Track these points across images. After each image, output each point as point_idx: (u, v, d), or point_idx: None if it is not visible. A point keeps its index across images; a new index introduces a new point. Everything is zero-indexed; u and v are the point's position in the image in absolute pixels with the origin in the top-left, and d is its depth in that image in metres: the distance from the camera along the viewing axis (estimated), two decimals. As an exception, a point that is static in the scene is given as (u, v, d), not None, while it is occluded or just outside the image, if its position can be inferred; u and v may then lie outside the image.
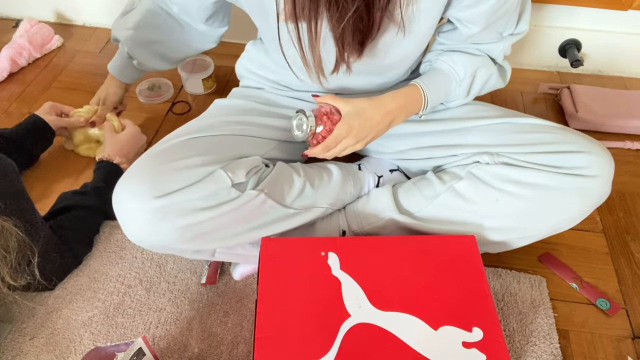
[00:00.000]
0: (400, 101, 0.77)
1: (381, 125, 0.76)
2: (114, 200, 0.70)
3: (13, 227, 0.69)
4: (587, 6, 1.19)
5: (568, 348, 0.83)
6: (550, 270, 0.93)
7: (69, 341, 0.82)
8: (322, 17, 0.63)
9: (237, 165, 0.73)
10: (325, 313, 0.68)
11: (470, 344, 0.66)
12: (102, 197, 0.94)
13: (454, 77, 0.80)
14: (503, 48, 0.80)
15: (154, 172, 0.69)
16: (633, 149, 1.15)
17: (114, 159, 0.99)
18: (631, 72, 1.34)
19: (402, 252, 0.74)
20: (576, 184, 0.73)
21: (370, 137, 0.77)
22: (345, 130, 0.74)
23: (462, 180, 0.79)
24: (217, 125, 0.81)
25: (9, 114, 1.22)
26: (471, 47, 0.81)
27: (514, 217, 0.77)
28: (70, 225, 0.89)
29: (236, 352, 0.81)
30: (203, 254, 0.77)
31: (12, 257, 0.68)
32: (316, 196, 0.81)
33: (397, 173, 0.94)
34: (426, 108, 0.80)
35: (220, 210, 0.70)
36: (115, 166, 0.99)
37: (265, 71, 0.92)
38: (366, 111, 0.75)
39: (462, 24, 0.75)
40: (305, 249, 0.75)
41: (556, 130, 0.79)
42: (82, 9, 1.47)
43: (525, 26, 0.79)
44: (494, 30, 0.77)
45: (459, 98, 0.83)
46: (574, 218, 0.78)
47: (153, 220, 0.67)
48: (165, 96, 1.26)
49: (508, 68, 0.86)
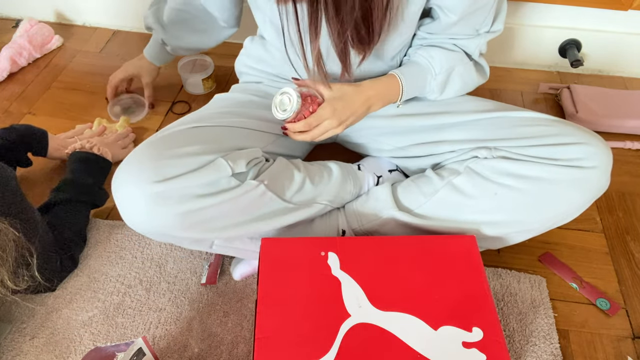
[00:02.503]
0: (379, 89, 0.81)
1: (360, 110, 0.80)
2: (113, 185, 0.71)
3: (9, 228, 0.69)
4: (587, 6, 1.19)
5: (568, 348, 0.83)
6: (550, 270, 0.93)
7: (69, 341, 0.82)
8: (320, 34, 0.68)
9: (237, 155, 0.74)
10: (325, 313, 0.68)
11: (470, 344, 0.66)
12: (75, 188, 0.92)
13: (430, 70, 0.83)
14: (478, 44, 0.84)
15: (155, 158, 0.69)
16: (633, 149, 1.15)
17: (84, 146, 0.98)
18: (631, 72, 1.34)
19: (402, 252, 0.75)
20: (575, 175, 0.74)
21: (350, 121, 0.80)
22: (329, 111, 0.77)
23: (461, 175, 0.79)
24: (217, 117, 0.82)
25: (9, 114, 1.22)
26: (448, 42, 0.83)
27: (513, 211, 0.77)
28: (55, 223, 0.87)
29: (236, 352, 0.81)
30: (201, 244, 0.78)
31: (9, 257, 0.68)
32: (316, 192, 0.82)
33: (396, 173, 0.95)
34: (402, 98, 0.83)
35: (220, 199, 0.71)
36: (82, 153, 0.97)
37: (263, 65, 0.93)
38: (349, 95, 0.79)
39: (442, 12, 0.78)
40: (305, 249, 0.75)
41: (553, 123, 0.79)
42: (82, 9, 1.47)
43: (500, 26, 0.83)
44: (471, 25, 0.80)
45: (433, 92, 0.86)
46: (573, 211, 0.78)
47: (152, 205, 0.67)
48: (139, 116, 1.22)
49: (485, 64, 0.89)
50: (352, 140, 0.98)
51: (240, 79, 1.01)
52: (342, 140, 1.01)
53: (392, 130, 0.90)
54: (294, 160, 0.84)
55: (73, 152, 0.98)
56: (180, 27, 1.04)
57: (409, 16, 0.76)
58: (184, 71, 1.25)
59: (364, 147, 0.97)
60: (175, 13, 1.02)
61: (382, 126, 0.91)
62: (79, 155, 0.97)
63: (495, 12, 0.80)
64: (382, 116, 0.90)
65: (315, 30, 0.68)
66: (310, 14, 0.67)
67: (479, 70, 0.88)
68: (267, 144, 0.85)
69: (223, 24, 1.00)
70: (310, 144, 1.01)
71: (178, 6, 1.01)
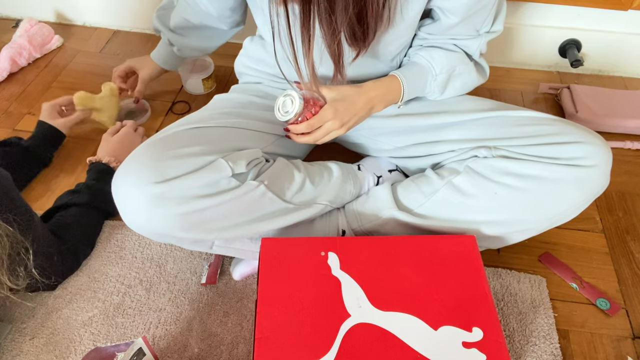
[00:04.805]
0: (381, 90, 0.81)
1: (363, 111, 0.80)
2: (113, 185, 0.71)
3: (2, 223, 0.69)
4: (587, 6, 1.19)
5: (568, 348, 0.83)
6: (550, 270, 0.93)
7: (69, 341, 0.82)
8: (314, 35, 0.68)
9: (238, 156, 0.74)
10: (325, 313, 0.68)
11: (470, 344, 0.66)
12: (94, 194, 0.94)
13: (430, 71, 0.83)
14: (479, 45, 0.84)
15: (155, 159, 0.69)
16: (633, 149, 1.15)
17: (103, 159, 1.00)
18: (631, 72, 1.34)
19: (402, 252, 0.75)
20: (574, 174, 0.73)
21: (353, 122, 0.80)
22: (331, 112, 0.77)
23: (460, 175, 0.79)
24: (217, 118, 0.82)
25: (9, 114, 1.22)
26: (449, 42, 0.83)
27: (513, 210, 0.77)
28: (65, 223, 0.89)
29: (236, 352, 0.81)
30: (202, 244, 0.78)
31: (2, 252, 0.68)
32: (316, 193, 0.82)
33: (396, 173, 0.95)
34: (403, 98, 0.83)
35: (220, 199, 0.71)
36: (104, 165, 1.00)
37: (263, 65, 0.93)
38: (350, 96, 0.78)
39: (443, 13, 0.78)
40: (305, 249, 0.75)
41: (553, 122, 0.79)
42: (82, 9, 1.47)
43: (500, 26, 0.83)
44: (471, 25, 0.80)
45: (434, 92, 0.86)
46: (573, 210, 0.78)
47: (152, 206, 0.67)
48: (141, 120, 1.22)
49: (485, 65, 0.89)
50: (351, 140, 0.98)
51: (240, 79, 1.01)
52: (341, 140, 1.01)
53: (392, 130, 0.90)
54: (294, 161, 0.84)
55: (97, 162, 1.01)
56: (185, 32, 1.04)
57: (409, 17, 0.76)
58: (184, 71, 1.25)
59: (364, 147, 0.97)
60: (180, 20, 1.01)
61: (381, 126, 0.91)
62: (102, 166, 0.99)
63: (495, 13, 0.80)
64: (382, 116, 0.90)
65: (307, 32, 0.67)
66: (303, 15, 0.66)
67: (479, 70, 0.88)
68: (267, 145, 0.85)
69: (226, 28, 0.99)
70: (310, 145, 1.01)
71: (182, 14, 1.00)
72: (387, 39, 0.78)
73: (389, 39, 0.78)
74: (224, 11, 0.93)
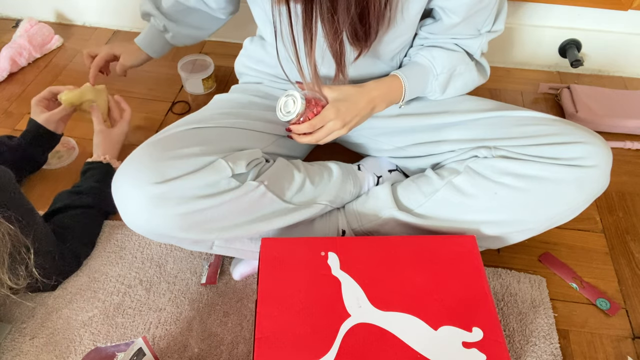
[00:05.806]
0: (383, 89, 0.81)
1: (365, 110, 0.80)
2: (113, 185, 0.71)
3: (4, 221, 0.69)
4: (587, 6, 1.19)
5: (568, 348, 0.83)
6: (550, 270, 0.93)
7: (69, 341, 0.82)
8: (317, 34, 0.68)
9: (238, 156, 0.74)
10: (325, 313, 0.68)
11: (470, 344, 0.66)
12: (97, 196, 0.94)
13: (431, 71, 0.83)
14: (480, 44, 0.84)
15: (155, 159, 0.69)
16: (633, 149, 1.15)
17: (103, 158, 0.99)
18: (631, 72, 1.34)
19: (402, 252, 0.75)
20: (575, 174, 0.73)
21: (355, 122, 0.80)
22: (333, 112, 0.76)
23: (461, 175, 0.79)
24: (217, 118, 0.82)
25: (9, 114, 1.22)
26: (450, 42, 0.83)
27: (513, 210, 0.77)
28: (68, 224, 0.90)
29: (236, 352, 0.81)
30: (202, 245, 0.78)
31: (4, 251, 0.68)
32: (316, 193, 0.82)
33: (396, 173, 0.95)
34: (405, 98, 0.83)
35: (220, 199, 0.71)
36: (107, 165, 0.99)
37: (263, 65, 0.93)
38: (353, 96, 0.78)
39: (445, 13, 0.78)
40: (305, 249, 0.75)
41: (553, 122, 0.79)
42: (82, 9, 1.47)
43: (501, 25, 0.83)
44: (472, 25, 0.80)
45: (435, 92, 0.86)
46: (573, 210, 0.78)
47: (152, 206, 0.67)
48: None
49: (486, 64, 0.89)
50: (352, 140, 0.98)
51: (240, 79, 1.01)
52: (342, 140, 1.01)
53: (392, 130, 0.90)
54: (294, 161, 0.84)
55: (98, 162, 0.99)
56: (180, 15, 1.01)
57: (409, 17, 0.76)
58: (184, 71, 1.25)
59: (364, 147, 0.97)
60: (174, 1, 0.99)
61: (382, 126, 0.91)
62: (104, 167, 0.99)
63: (496, 12, 0.80)
64: (382, 116, 0.90)
65: (309, 31, 0.67)
66: (305, 15, 0.66)
67: (479, 70, 0.88)
68: (267, 145, 0.85)
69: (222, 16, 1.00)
70: (310, 145, 1.01)
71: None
72: (388, 38, 0.78)
73: (390, 38, 0.78)
74: (220, 3, 0.94)
